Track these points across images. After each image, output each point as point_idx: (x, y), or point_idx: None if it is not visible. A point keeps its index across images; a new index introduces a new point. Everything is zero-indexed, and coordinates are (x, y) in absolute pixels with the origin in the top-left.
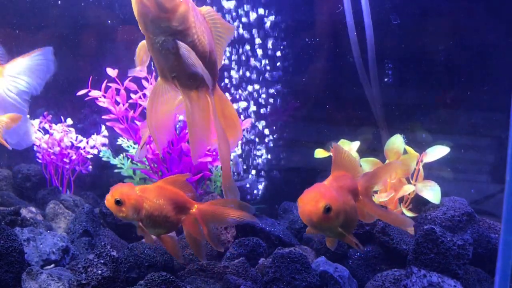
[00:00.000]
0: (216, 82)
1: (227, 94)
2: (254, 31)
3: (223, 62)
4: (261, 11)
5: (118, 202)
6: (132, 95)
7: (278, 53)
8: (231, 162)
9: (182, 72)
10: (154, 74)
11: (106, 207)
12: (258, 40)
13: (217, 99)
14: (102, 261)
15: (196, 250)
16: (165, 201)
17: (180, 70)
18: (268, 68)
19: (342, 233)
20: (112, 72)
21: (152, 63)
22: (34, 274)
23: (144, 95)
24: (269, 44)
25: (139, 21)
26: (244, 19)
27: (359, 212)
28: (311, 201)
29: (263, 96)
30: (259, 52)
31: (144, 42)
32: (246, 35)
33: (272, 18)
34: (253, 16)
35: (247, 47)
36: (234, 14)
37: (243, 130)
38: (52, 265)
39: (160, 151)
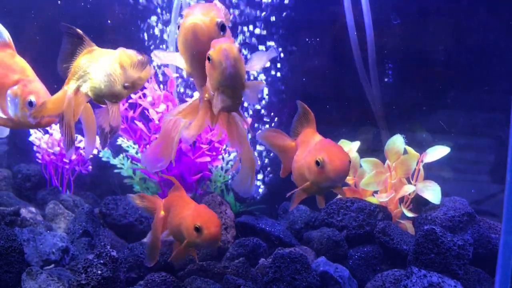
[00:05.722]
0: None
1: None
2: (253, 29)
3: None
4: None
5: (198, 230)
6: (132, 95)
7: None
8: (231, 162)
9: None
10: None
11: (106, 207)
12: (254, 40)
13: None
14: (102, 261)
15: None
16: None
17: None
18: (267, 68)
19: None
20: None
21: None
22: (34, 274)
23: (144, 95)
24: (269, 44)
25: (186, 47)
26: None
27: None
28: (342, 155)
29: (263, 96)
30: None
31: None
32: (247, 34)
33: (270, 17)
34: (251, 16)
35: (244, 51)
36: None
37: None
38: (52, 265)
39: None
